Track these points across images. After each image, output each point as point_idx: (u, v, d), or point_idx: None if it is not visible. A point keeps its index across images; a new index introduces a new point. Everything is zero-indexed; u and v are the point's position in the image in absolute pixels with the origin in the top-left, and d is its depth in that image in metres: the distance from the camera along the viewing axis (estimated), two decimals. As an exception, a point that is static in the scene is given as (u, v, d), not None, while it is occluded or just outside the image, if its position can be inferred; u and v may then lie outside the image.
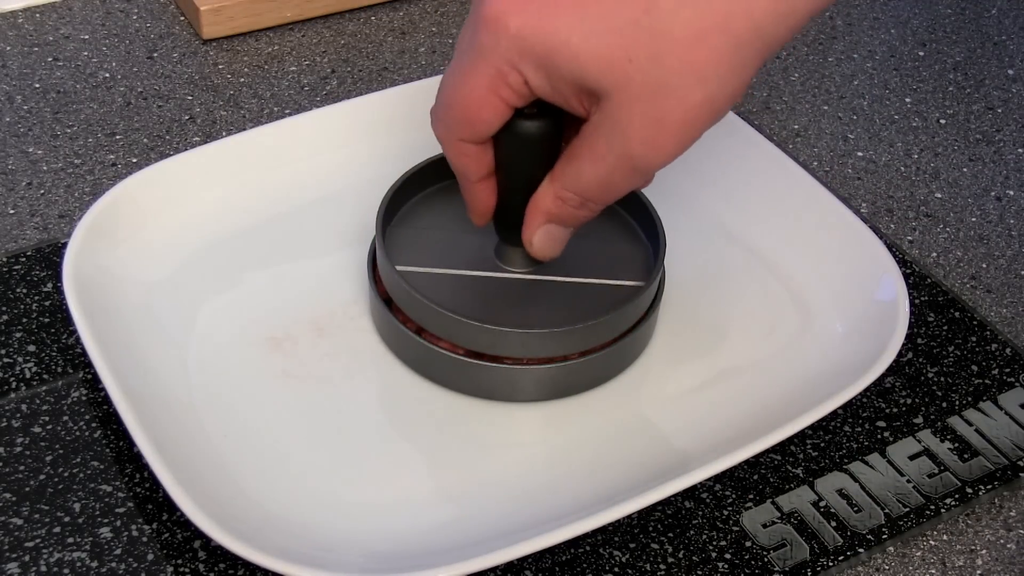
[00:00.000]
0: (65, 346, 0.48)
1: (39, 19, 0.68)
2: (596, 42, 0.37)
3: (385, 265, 0.47)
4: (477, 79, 0.40)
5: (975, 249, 0.58)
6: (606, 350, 0.47)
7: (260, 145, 0.55)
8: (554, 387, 0.47)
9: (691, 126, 0.39)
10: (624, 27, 0.37)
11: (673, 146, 0.39)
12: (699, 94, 0.38)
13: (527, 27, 0.38)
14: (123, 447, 0.45)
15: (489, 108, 0.40)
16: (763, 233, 0.54)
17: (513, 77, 0.39)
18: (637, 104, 0.38)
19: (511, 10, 0.38)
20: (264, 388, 0.47)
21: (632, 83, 0.38)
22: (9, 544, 0.42)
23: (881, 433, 0.48)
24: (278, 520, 0.42)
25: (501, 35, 0.38)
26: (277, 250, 0.52)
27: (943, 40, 0.73)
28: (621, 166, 0.40)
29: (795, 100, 0.67)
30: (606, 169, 0.40)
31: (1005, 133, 0.66)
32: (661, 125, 0.38)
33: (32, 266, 0.52)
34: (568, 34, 0.37)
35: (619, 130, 0.39)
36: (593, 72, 0.38)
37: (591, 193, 0.42)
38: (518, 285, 0.48)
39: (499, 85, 0.39)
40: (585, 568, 0.43)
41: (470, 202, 0.45)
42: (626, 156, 0.39)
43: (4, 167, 0.58)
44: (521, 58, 0.38)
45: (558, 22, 0.37)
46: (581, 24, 0.37)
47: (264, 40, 0.68)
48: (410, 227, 0.50)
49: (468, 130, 0.41)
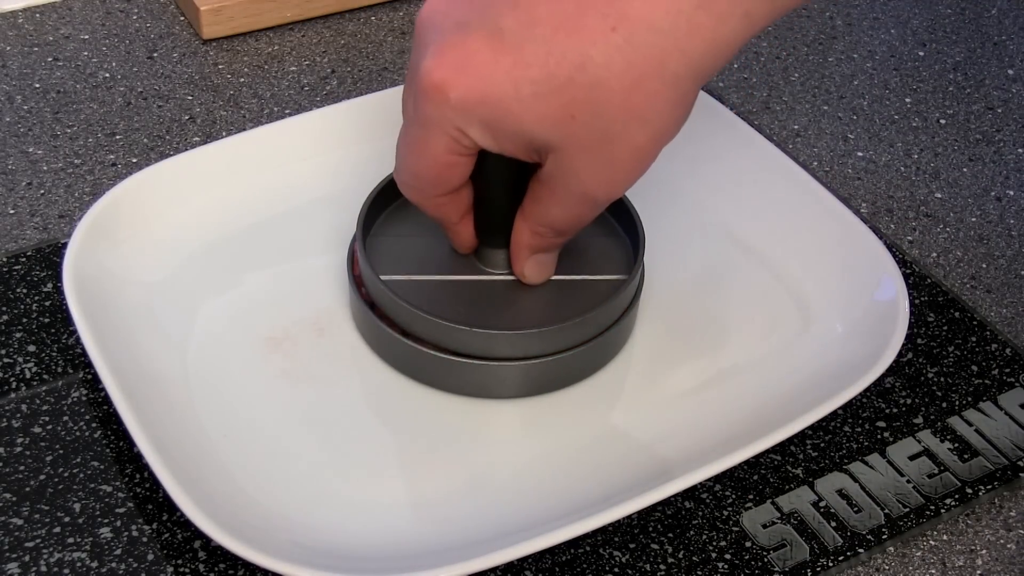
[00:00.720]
0: (65, 346, 0.48)
1: (39, 19, 0.68)
2: (536, 105, 0.38)
3: (370, 275, 0.47)
4: (432, 149, 0.40)
5: (975, 249, 0.58)
6: (599, 338, 0.47)
7: (260, 145, 0.55)
8: (554, 378, 0.47)
9: (641, 161, 0.40)
10: (561, 87, 0.37)
11: (627, 181, 0.41)
12: (643, 135, 0.39)
13: (467, 98, 0.38)
14: (123, 447, 0.45)
15: (453, 168, 0.41)
16: (763, 233, 0.54)
17: (464, 140, 0.40)
18: (585, 154, 0.39)
19: (449, 80, 0.38)
20: (264, 388, 0.47)
21: (577, 138, 0.39)
22: (9, 544, 0.42)
23: (881, 433, 0.48)
24: (278, 520, 0.42)
25: (443, 106, 0.39)
26: (277, 250, 0.52)
27: (943, 40, 0.73)
28: (582, 203, 0.42)
29: (795, 100, 0.67)
30: (569, 208, 0.42)
31: (1005, 133, 0.66)
32: (612, 167, 0.40)
33: (32, 266, 0.52)
34: (508, 101, 0.38)
35: (573, 176, 0.40)
36: (538, 132, 0.39)
37: (561, 227, 0.44)
38: (501, 287, 0.48)
39: (454, 147, 0.40)
40: (585, 568, 0.43)
41: (454, 239, 0.47)
42: (584, 196, 0.41)
43: (4, 167, 0.58)
44: (467, 124, 0.39)
45: (497, 89, 0.38)
46: (518, 88, 0.37)
47: (264, 40, 0.68)
48: (391, 235, 0.50)
49: (442, 188, 0.43)
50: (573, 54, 0.37)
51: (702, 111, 0.58)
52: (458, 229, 0.46)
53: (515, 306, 0.47)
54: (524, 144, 0.39)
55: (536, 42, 0.37)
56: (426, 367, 0.47)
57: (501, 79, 0.37)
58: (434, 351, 0.46)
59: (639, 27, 0.36)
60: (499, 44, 0.37)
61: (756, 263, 0.54)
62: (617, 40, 0.36)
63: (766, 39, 0.72)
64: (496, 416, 0.47)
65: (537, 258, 0.46)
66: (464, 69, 0.38)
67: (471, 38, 0.38)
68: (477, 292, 0.48)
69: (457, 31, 0.38)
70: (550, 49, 0.37)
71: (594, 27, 0.37)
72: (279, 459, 0.44)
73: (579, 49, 0.37)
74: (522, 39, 0.37)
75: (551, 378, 0.47)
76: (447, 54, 0.38)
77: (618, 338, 0.49)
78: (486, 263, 0.48)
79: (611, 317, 0.47)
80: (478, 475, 0.45)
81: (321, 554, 0.40)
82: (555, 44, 0.37)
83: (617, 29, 0.36)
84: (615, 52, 0.37)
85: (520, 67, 0.37)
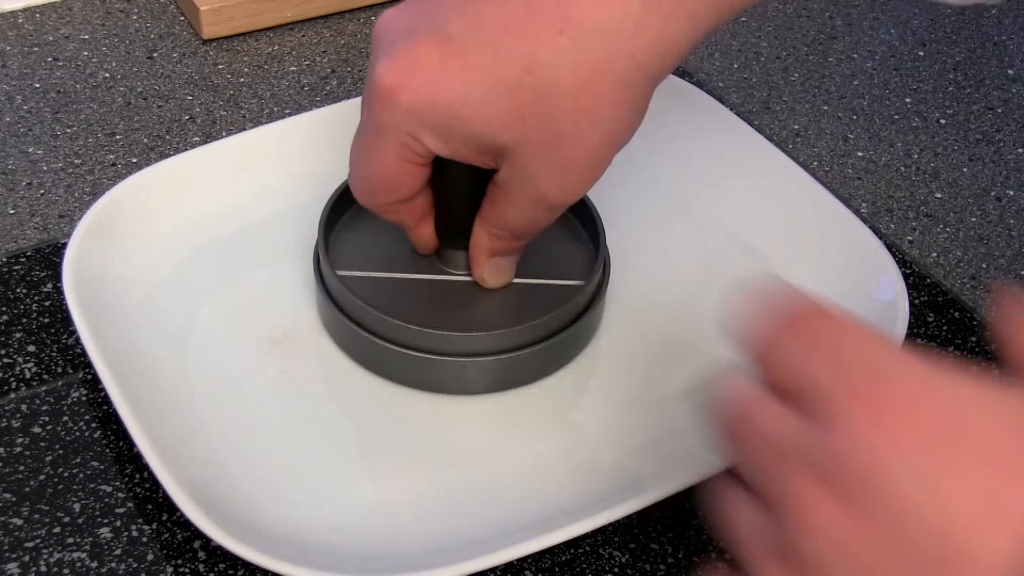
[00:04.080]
0: (65, 346, 0.48)
1: (39, 19, 0.68)
2: (486, 108, 0.38)
3: (328, 271, 0.47)
4: (384, 153, 0.41)
5: (975, 249, 0.58)
6: (558, 337, 0.47)
7: (260, 145, 0.55)
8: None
9: (595, 164, 0.40)
10: (510, 90, 0.38)
11: (582, 183, 0.41)
12: (595, 136, 0.39)
13: (418, 102, 0.39)
14: (123, 447, 0.45)
15: (405, 175, 0.42)
16: (763, 233, 0.54)
17: (416, 146, 0.40)
18: (538, 157, 0.39)
19: (399, 85, 0.39)
20: (264, 388, 0.47)
21: (529, 140, 0.39)
22: (9, 544, 0.42)
23: (881, 433, 0.48)
24: (278, 520, 0.42)
25: (395, 111, 0.39)
26: (277, 250, 0.52)
27: (943, 40, 0.73)
28: (538, 206, 0.42)
29: (795, 100, 0.67)
30: (525, 211, 0.42)
31: (1005, 133, 0.66)
32: (565, 169, 0.40)
33: (32, 266, 0.52)
34: (459, 104, 0.38)
35: (528, 179, 0.40)
36: (490, 135, 0.39)
37: (518, 230, 0.44)
38: (460, 287, 0.48)
39: (406, 153, 0.41)
40: (585, 568, 0.43)
41: (415, 241, 0.47)
42: (540, 199, 0.41)
43: (4, 167, 0.58)
44: (419, 129, 0.39)
45: (446, 92, 0.38)
46: (468, 91, 0.38)
47: (264, 40, 0.68)
48: (357, 231, 0.50)
49: (394, 195, 0.43)
50: (521, 57, 0.37)
51: (702, 111, 0.58)
52: (417, 232, 0.47)
53: (472, 307, 0.48)
54: (477, 148, 0.40)
55: (484, 46, 0.38)
56: (381, 360, 0.47)
57: (451, 83, 0.38)
58: (388, 344, 0.46)
59: (586, 29, 0.37)
60: (447, 48, 0.38)
61: (755, 263, 0.54)
62: (564, 42, 0.37)
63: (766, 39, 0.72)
64: (496, 414, 0.47)
65: (495, 262, 0.47)
66: (413, 73, 0.38)
67: (421, 44, 0.38)
68: (435, 292, 0.48)
69: (408, 38, 0.39)
70: (498, 52, 0.37)
71: (541, 30, 0.37)
72: (279, 459, 0.44)
73: (527, 52, 0.37)
74: (470, 43, 0.38)
75: (520, 373, 0.47)
76: (397, 59, 0.39)
77: (579, 339, 0.49)
78: (447, 264, 0.49)
79: (564, 321, 0.48)
80: (479, 475, 0.45)
81: (321, 554, 0.40)
82: (502, 47, 0.37)
83: (564, 31, 0.37)
84: (563, 54, 0.37)
85: (469, 71, 0.38)
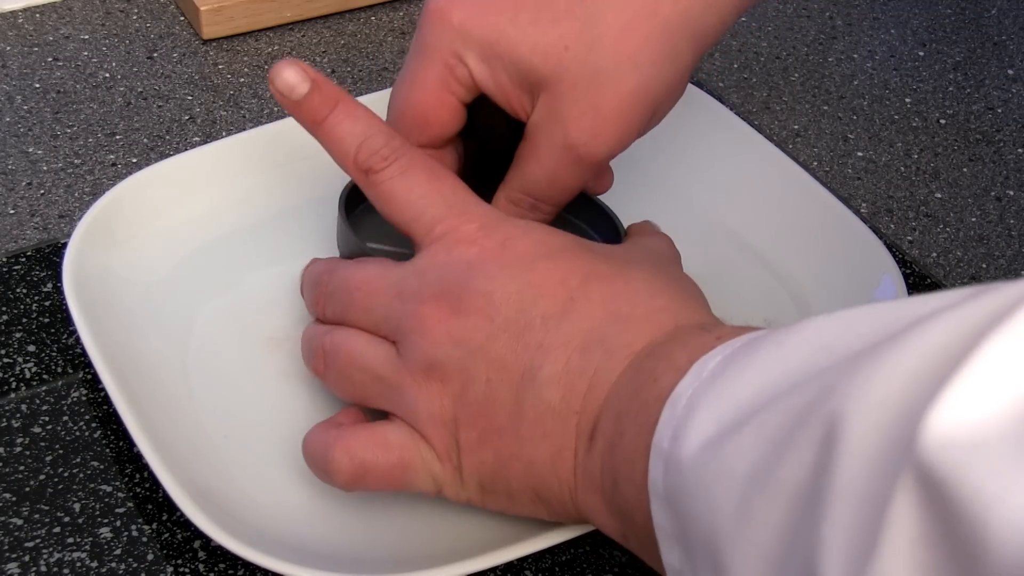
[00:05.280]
0: (65, 346, 0.48)
1: (39, 19, 0.68)
2: (533, 31, 0.40)
3: (355, 243, 0.46)
4: (427, 76, 0.41)
5: (975, 249, 0.58)
6: None
7: (260, 145, 0.55)
8: None
9: (627, 113, 0.41)
10: (559, 17, 0.39)
11: (612, 134, 0.41)
12: (633, 80, 0.40)
13: (469, 20, 0.40)
14: (123, 447, 0.45)
15: (442, 106, 0.42)
16: (763, 233, 0.54)
17: (460, 70, 0.41)
18: (574, 92, 0.40)
19: (453, 4, 0.40)
20: (264, 388, 0.47)
21: (569, 71, 0.40)
22: (9, 544, 0.42)
23: (881, 433, 0.48)
24: (278, 520, 0.42)
25: (445, 28, 0.40)
26: (277, 250, 0.52)
27: (943, 40, 0.73)
28: (563, 158, 0.42)
29: (795, 100, 0.67)
30: (550, 164, 0.42)
31: (1005, 133, 0.66)
32: (597, 112, 0.40)
33: (32, 266, 0.52)
34: (507, 25, 0.40)
35: (558, 120, 0.41)
36: (532, 61, 0.40)
37: (539, 191, 0.43)
38: None
39: (448, 79, 0.41)
40: (585, 568, 0.43)
41: None
42: (567, 147, 0.41)
43: (4, 167, 0.58)
44: (465, 49, 0.40)
45: (498, 15, 0.40)
46: (518, 15, 0.40)
47: (264, 40, 0.68)
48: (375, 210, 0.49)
49: (425, 134, 0.43)
50: None
51: (702, 111, 0.58)
52: None
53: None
54: (517, 78, 0.40)
55: None
56: None
57: (503, 6, 0.40)
58: None
59: None
60: None
61: (756, 263, 0.54)
62: None
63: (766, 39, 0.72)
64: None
65: None
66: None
67: None
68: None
69: None
70: None
71: None
72: (279, 459, 0.44)
73: None
74: None
75: None
76: None
77: None
78: None
79: None
80: (478, 475, 0.45)
81: (321, 554, 0.40)
82: None
83: None
84: None
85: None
